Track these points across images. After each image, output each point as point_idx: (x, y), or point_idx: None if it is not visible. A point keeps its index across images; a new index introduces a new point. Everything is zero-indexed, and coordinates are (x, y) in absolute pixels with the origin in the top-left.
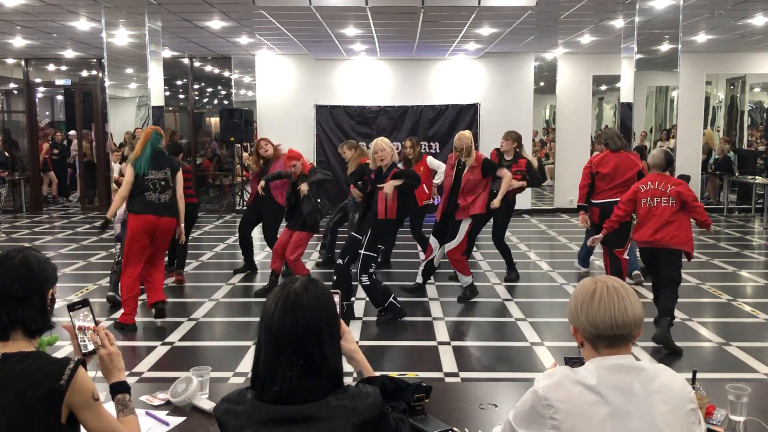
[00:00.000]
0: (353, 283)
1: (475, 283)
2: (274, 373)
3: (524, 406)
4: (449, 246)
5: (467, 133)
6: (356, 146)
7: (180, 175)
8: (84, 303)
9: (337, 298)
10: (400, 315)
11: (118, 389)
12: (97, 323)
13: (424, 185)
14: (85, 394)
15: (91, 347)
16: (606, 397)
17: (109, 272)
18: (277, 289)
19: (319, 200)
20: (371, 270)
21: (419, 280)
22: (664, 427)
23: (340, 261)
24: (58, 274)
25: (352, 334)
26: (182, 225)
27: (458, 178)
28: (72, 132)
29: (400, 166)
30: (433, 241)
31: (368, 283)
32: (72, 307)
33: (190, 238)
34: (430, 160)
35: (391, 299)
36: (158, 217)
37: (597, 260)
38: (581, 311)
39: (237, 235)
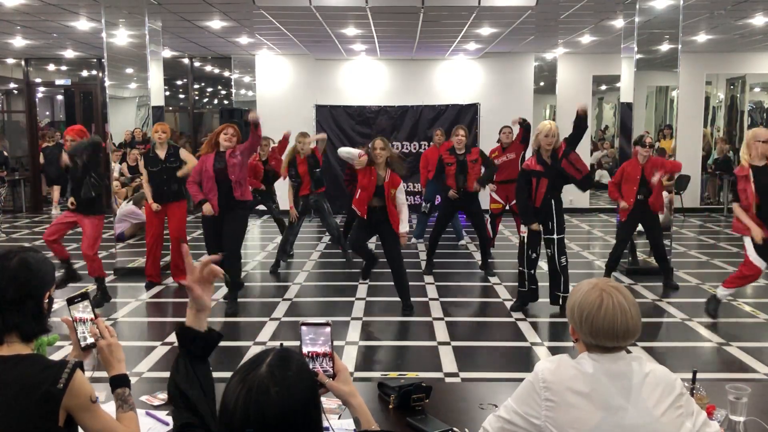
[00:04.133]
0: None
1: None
2: None
3: (524, 387)
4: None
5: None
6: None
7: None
8: (83, 296)
9: (327, 331)
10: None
11: (118, 383)
12: (96, 316)
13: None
14: (82, 398)
15: (90, 340)
16: (602, 382)
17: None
18: (238, 375)
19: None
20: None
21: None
22: (653, 409)
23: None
24: (57, 274)
25: (348, 373)
26: None
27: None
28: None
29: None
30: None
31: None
32: (71, 301)
33: None
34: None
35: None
36: None
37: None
38: (585, 322)
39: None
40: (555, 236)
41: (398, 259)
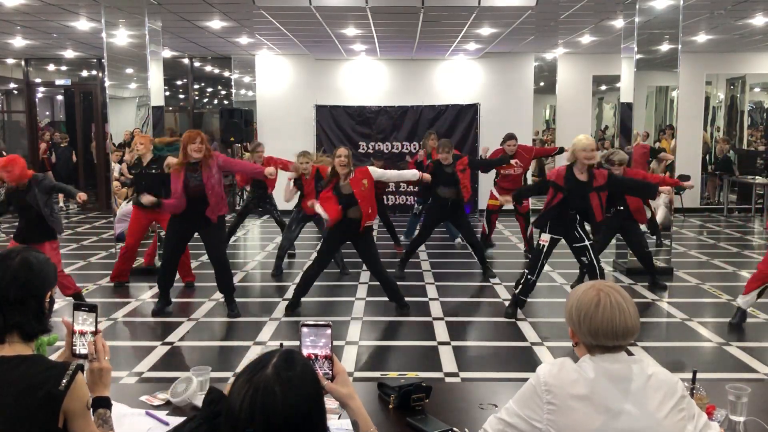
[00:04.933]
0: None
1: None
2: None
3: (525, 389)
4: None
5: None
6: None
7: None
8: (92, 308)
9: (328, 332)
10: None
11: (101, 403)
12: (97, 332)
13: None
14: (81, 401)
15: (83, 351)
16: (604, 385)
17: None
18: (243, 376)
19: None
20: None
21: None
22: (656, 412)
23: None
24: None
25: (347, 375)
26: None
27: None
28: None
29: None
30: None
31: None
32: (78, 307)
33: None
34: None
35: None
36: None
37: None
38: (583, 322)
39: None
40: (587, 242)
41: (377, 263)
